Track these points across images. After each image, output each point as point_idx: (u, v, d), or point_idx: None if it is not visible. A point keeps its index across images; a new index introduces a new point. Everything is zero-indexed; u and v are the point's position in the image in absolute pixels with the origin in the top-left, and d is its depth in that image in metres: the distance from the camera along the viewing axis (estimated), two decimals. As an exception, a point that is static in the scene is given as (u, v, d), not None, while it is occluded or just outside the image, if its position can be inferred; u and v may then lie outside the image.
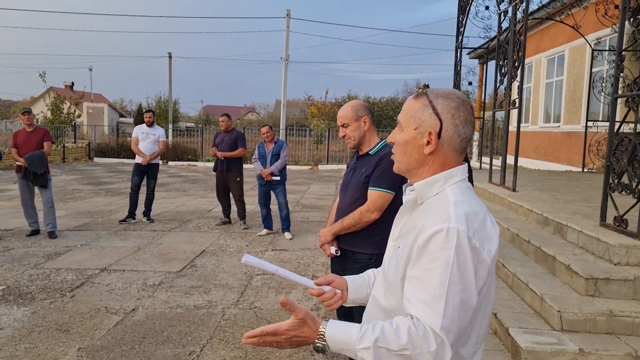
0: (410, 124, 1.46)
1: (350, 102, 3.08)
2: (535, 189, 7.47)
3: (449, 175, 1.44)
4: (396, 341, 1.25)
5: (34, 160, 7.39)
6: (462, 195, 1.41)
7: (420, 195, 1.48)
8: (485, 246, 1.32)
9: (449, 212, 1.33)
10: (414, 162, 1.47)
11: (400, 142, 1.49)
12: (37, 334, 4.22)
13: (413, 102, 1.48)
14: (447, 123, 1.42)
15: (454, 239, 1.28)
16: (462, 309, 1.27)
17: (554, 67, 14.70)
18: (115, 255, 6.71)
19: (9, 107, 57.22)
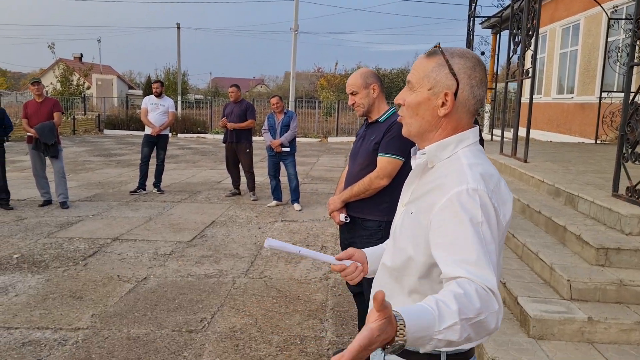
0: (423, 84, 1.38)
1: (360, 70, 3.06)
2: (546, 160, 7.40)
3: (460, 138, 1.39)
4: (472, 307, 1.10)
5: (45, 131, 7.42)
6: (475, 157, 1.36)
7: (431, 159, 1.41)
8: (501, 208, 1.28)
9: (465, 174, 1.29)
10: (427, 125, 1.40)
11: (412, 103, 1.41)
12: (51, 301, 4.29)
13: (426, 61, 1.39)
14: (464, 83, 1.35)
15: (476, 198, 1.24)
16: (497, 265, 1.23)
17: (568, 36, 14.41)
18: (126, 225, 6.77)
19: (19, 79, 57.31)
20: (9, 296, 4.37)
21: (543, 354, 3.01)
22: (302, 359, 3.45)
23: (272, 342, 3.66)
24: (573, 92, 13.83)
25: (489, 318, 1.12)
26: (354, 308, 4.18)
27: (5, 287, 4.55)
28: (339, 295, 4.57)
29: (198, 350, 3.53)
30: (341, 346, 3.61)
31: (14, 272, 4.93)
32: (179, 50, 29.02)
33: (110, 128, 23.48)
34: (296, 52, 24.62)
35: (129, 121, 23.38)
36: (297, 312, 4.18)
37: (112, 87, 39.10)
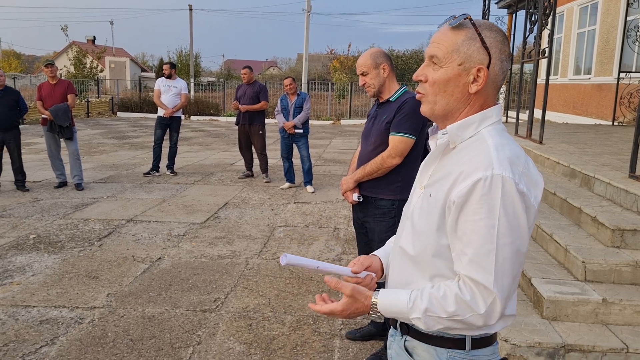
0: (452, 58, 1.28)
1: (369, 50, 3.04)
2: (562, 141, 7.31)
3: (484, 116, 1.31)
4: (444, 309, 1.24)
5: (59, 113, 7.47)
6: (501, 137, 1.28)
7: (453, 139, 1.33)
8: (532, 190, 1.23)
9: (490, 157, 1.21)
10: (455, 102, 1.32)
11: (439, 80, 1.31)
12: (67, 280, 4.36)
13: (453, 34, 1.29)
14: (495, 58, 1.28)
15: (498, 187, 1.18)
16: (514, 260, 1.21)
17: (586, 16, 14.12)
18: (140, 206, 6.83)
19: (33, 62, 57.64)
20: (27, 275, 4.44)
21: (556, 334, 3.00)
22: (314, 338, 3.47)
23: (285, 322, 3.69)
24: (590, 72, 13.59)
25: (470, 319, 1.23)
26: (367, 289, 4.20)
27: (22, 267, 4.63)
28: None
29: (212, 329, 3.56)
30: (353, 326, 3.63)
31: (30, 252, 5.01)
32: (191, 32, 28.97)
33: (124, 110, 23.59)
34: (309, 34, 24.45)
35: (142, 103, 23.46)
36: (309, 293, 4.20)
37: (125, 70, 39.22)
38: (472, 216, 1.20)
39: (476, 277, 1.21)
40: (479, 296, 1.21)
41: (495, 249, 1.19)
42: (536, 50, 7.24)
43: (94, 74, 29.61)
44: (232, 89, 23.77)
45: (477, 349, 1.35)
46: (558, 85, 15.30)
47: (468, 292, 1.22)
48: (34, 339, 3.38)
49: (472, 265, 1.21)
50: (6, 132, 7.43)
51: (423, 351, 1.39)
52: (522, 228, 1.21)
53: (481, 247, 1.20)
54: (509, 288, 1.23)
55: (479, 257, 1.20)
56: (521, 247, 1.22)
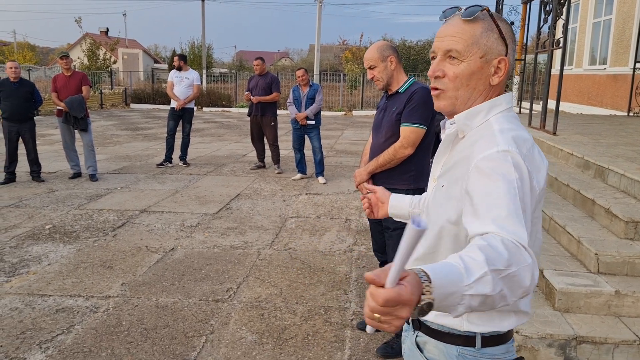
0: (473, 52, 1.25)
1: (376, 43, 3.08)
2: (576, 132, 7.24)
3: (492, 104, 1.30)
4: (500, 258, 0.99)
5: (74, 105, 7.54)
6: (509, 123, 1.27)
7: (461, 128, 1.32)
8: (534, 175, 1.19)
9: (495, 137, 1.21)
10: (477, 95, 1.30)
11: (463, 74, 1.27)
12: (82, 270, 4.42)
13: (471, 27, 1.26)
14: (510, 48, 1.28)
15: (508, 158, 1.15)
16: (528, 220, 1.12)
17: (602, 5, 13.91)
18: (153, 197, 6.89)
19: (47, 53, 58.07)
20: (43, 265, 4.51)
21: (568, 326, 2.99)
22: (326, 328, 3.50)
23: (297, 312, 3.72)
24: (606, 63, 13.41)
25: (522, 272, 1.00)
26: (378, 280, 4.21)
27: (38, 257, 4.70)
28: (363, 267, 4.60)
29: (224, 318, 3.60)
30: (364, 318, 3.64)
31: (46, 242, 5.08)
32: (203, 23, 28.97)
33: (137, 102, 23.72)
34: (321, 25, 24.36)
35: (155, 95, 23.58)
36: (321, 283, 4.23)
37: (138, 62, 39.39)
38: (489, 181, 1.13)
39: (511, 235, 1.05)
40: (521, 247, 1.04)
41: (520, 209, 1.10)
42: (550, 40, 7.16)
43: (107, 65, 29.80)
44: (244, 80, 23.77)
45: (489, 346, 1.31)
46: (573, 75, 15.13)
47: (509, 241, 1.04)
48: (50, 327, 3.44)
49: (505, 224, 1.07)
50: (21, 124, 7.52)
51: (433, 347, 1.37)
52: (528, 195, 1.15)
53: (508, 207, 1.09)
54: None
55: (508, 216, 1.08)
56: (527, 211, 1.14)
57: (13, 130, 7.51)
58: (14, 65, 7.47)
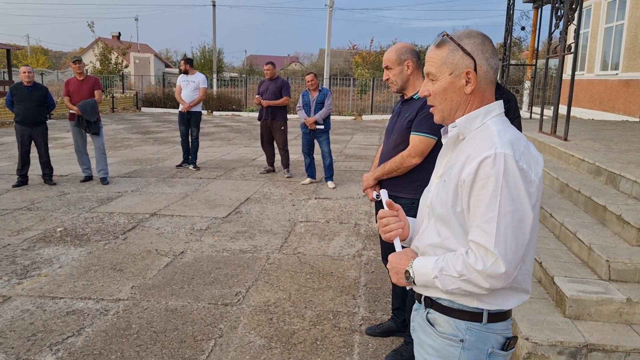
0: (443, 71, 1.51)
1: (396, 45, 3.00)
2: (587, 138, 7.19)
3: (488, 109, 1.51)
4: (455, 269, 1.41)
5: (87, 108, 7.63)
6: (504, 125, 1.48)
7: (462, 131, 1.53)
8: (532, 167, 1.40)
9: (494, 139, 1.41)
10: (456, 105, 1.53)
11: (438, 91, 1.53)
12: (93, 272, 4.45)
13: (439, 51, 1.52)
14: (479, 58, 1.48)
15: (501, 163, 1.36)
16: (517, 228, 1.36)
17: (614, 10, 13.82)
18: (164, 201, 6.93)
19: (60, 58, 58.66)
20: (54, 267, 4.55)
21: (579, 334, 2.97)
22: (334, 333, 3.49)
23: (305, 317, 3.72)
24: (618, 68, 13.31)
25: (476, 279, 1.38)
26: (387, 285, 4.21)
27: (50, 259, 4.74)
28: (372, 272, 4.59)
29: (233, 322, 3.61)
30: (374, 322, 3.64)
31: (57, 245, 5.13)
32: (214, 28, 29.14)
33: (148, 106, 23.87)
34: (331, 29, 24.42)
35: (166, 99, 23.71)
36: (330, 288, 4.23)
37: (150, 66, 39.65)
38: (479, 190, 1.38)
39: (478, 240, 1.38)
40: (480, 257, 1.38)
41: (497, 216, 1.35)
42: (562, 45, 7.13)
43: (119, 69, 30.03)
44: (254, 84, 23.84)
45: (493, 322, 1.51)
46: (584, 81, 15.03)
47: (472, 254, 1.39)
48: (60, 330, 3.47)
49: (477, 230, 1.39)
50: (34, 127, 7.60)
51: (444, 322, 1.55)
52: (523, 200, 1.37)
53: (484, 214, 1.37)
54: (514, 253, 1.37)
55: (482, 223, 1.38)
56: (523, 217, 1.37)
57: (26, 133, 7.59)
58: (27, 69, 7.56)
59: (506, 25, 10.36)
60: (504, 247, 1.36)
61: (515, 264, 1.38)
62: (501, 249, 1.36)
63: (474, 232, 1.41)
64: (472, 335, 1.51)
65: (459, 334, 1.52)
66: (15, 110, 7.57)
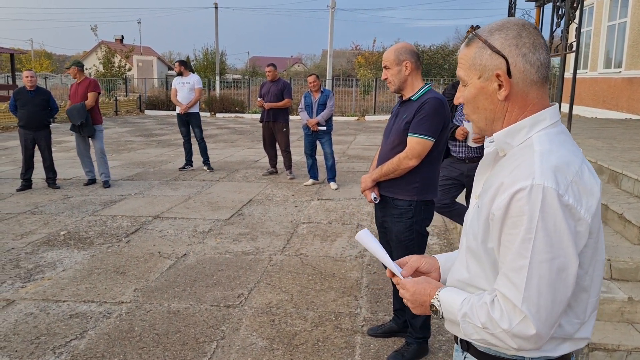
0: (472, 74, 1.28)
1: (396, 45, 2.97)
2: (590, 137, 7.18)
3: (536, 119, 1.24)
4: (478, 319, 1.20)
5: (73, 112, 7.63)
6: (551, 143, 1.20)
7: (501, 147, 1.28)
8: (583, 201, 1.14)
9: (533, 166, 1.15)
10: (491, 114, 1.28)
11: (469, 98, 1.30)
12: (96, 275, 4.47)
13: (466, 51, 1.29)
14: (513, 56, 1.22)
15: (538, 199, 1.11)
16: (556, 279, 1.12)
17: (617, 8, 13.79)
18: (166, 203, 6.95)
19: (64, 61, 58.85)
20: (57, 271, 4.57)
21: (580, 333, 2.96)
22: (336, 334, 3.50)
23: (307, 318, 3.72)
24: (621, 66, 13.28)
25: (501, 335, 1.17)
26: (389, 286, 4.21)
27: (53, 263, 4.77)
28: (374, 273, 4.60)
29: (235, 324, 3.62)
30: (375, 323, 3.65)
31: (61, 248, 5.15)
32: (216, 30, 29.23)
33: (151, 108, 23.95)
34: (333, 30, 24.44)
35: (169, 102, 23.71)
36: (332, 289, 4.23)
37: (153, 68, 39.77)
38: (510, 229, 1.15)
39: (505, 292, 1.16)
40: (505, 312, 1.15)
41: (528, 264, 1.12)
42: (563, 44, 7.12)
43: (122, 72, 30.12)
44: (257, 86, 23.88)
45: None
46: (588, 79, 15.00)
47: (497, 307, 1.17)
48: (64, 333, 3.49)
49: (504, 280, 1.17)
50: (37, 132, 7.64)
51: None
52: (566, 244, 1.12)
53: (513, 261, 1.14)
54: (548, 312, 1.13)
55: (510, 272, 1.15)
56: (565, 267, 1.13)
57: (29, 137, 7.63)
58: (30, 74, 7.61)
59: (508, 24, 10.32)
60: (535, 305, 1.12)
61: (551, 324, 1.15)
62: (532, 307, 1.12)
63: (501, 280, 1.18)
64: None
65: None
66: (18, 114, 7.61)
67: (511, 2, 10.33)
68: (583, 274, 1.20)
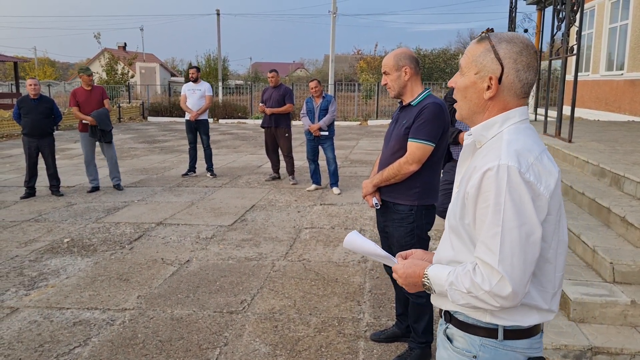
0: (471, 68, 1.46)
1: (395, 50, 2.99)
2: (592, 140, 7.17)
3: (506, 117, 1.44)
4: (463, 285, 1.37)
5: (102, 118, 7.82)
6: (517, 134, 1.40)
7: (477, 139, 1.48)
8: (542, 180, 1.33)
9: (500, 150, 1.35)
10: (474, 107, 1.47)
11: (460, 86, 1.49)
12: (99, 283, 4.49)
13: (475, 47, 1.46)
14: (509, 68, 1.40)
15: (504, 175, 1.30)
16: (524, 244, 1.30)
17: (618, 10, 13.77)
18: (170, 210, 6.97)
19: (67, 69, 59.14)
20: (61, 278, 4.59)
21: (583, 337, 2.96)
22: (339, 340, 3.50)
23: (310, 324, 3.73)
24: (623, 68, 13.25)
25: (484, 297, 1.33)
26: (392, 290, 4.21)
27: (57, 270, 4.78)
28: (377, 278, 4.59)
29: (238, 330, 3.63)
30: (378, 328, 3.64)
31: (64, 256, 5.17)
32: (219, 36, 29.33)
33: (154, 115, 24.01)
34: (335, 35, 24.49)
35: (172, 108, 23.84)
36: (335, 295, 4.23)
37: (155, 75, 39.93)
38: (482, 204, 1.34)
39: (483, 257, 1.33)
40: (485, 275, 1.32)
41: (500, 231, 1.30)
42: (564, 47, 7.12)
43: (125, 79, 30.24)
44: (259, 91, 23.90)
45: (512, 339, 1.44)
46: (589, 81, 14.97)
47: (479, 272, 1.34)
48: (67, 340, 3.50)
49: (481, 247, 1.34)
50: (41, 139, 7.68)
51: (460, 337, 1.51)
52: (529, 214, 1.30)
53: (488, 230, 1.32)
54: (522, 271, 1.30)
55: (486, 239, 1.32)
56: (531, 232, 1.30)
57: (33, 145, 7.67)
58: (33, 82, 7.65)
59: (509, 27, 10.36)
60: (510, 265, 1.29)
61: (525, 282, 1.31)
62: (507, 267, 1.29)
63: (479, 248, 1.35)
64: (486, 352, 1.45)
65: (472, 350, 1.47)
66: (22, 122, 7.66)
67: (512, 6, 10.36)
68: (546, 247, 1.38)
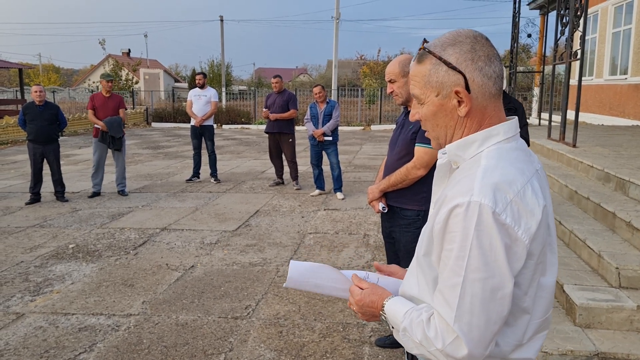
0: (428, 92, 1.24)
1: (399, 57, 3.01)
2: (597, 144, 7.16)
3: (488, 134, 1.21)
4: (415, 335, 1.18)
5: (114, 125, 7.95)
6: (499, 159, 1.17)
7: (453, 159, 1.27)
8: (522, 222, 1.10)
9: (474, 181, 1.12)
10: (452, 130, 1.25)
11: (427, 115, 1.27)
12: (104, 288, 4.50)
13: (419, 68, 1.25)
14: (470, 71, 1.19)
15: (474, 216, 1.08)
16: (489, 300, 1.09)
17: (621, 15, 13.77)
18: (174, 215, 6.98)
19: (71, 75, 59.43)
20: (66, 284, 4.60)
21: (589, 342, 2.95)
22: (344, 345, 3.50)
23: (315, 329, 3.72)
24: (627, 72, 13.24)
25: (436, 354, 1.14)
26: (396, 296, 4.19)
27: (62, 276, 4.80)
28: (382, 283, 4.58)
29: (243, 336, 3.63)
30: (383, 333, 3.64)
31: (69, 261, 5.18)
32: (222, 42, 29.44)
33: (158, 121, 24.08)
34: (338, 41, 24.54)
35: (176, 114, 23.91)
36: (339, 300, 4.23)
37: (159, 81, 40.07)
38: (447, 244, 1.13)
39: (439, 310, 1.14)
40: (439, 332, 1.13)
41: (461, 282, 1.09)
42: (568, 52, 7.13)
43: (130, 85, 30.38)
44: (263, 97, 23.98)
45: None
46: (593, 86, 14.96)
47: (432, 325, 1.15)
48: (73, 346, 3.50)
49: (438, 297, 1.15)
50: (46, 146, 7.71)
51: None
52: (500, 264, 1.08)
53: (448, 279, 1.12)
54: (481, 332, 1.10)
55: (445, 289, 1.13)
56: (500, 286, 1.09)
57: (38, 151, 7.71)
58: (39, 89, 7.70)
59: (512, 32, 10.37)
60: (467, 324, 1.09)
61: (485, 344, 1.11)
62: (463, 326, 1.09)
63: (436, 297, 1.16)
64: None
65: None
66: (27, 129, 7.70)
67: (515, 11, 10.37)
68: (522, 294, 1.16)
